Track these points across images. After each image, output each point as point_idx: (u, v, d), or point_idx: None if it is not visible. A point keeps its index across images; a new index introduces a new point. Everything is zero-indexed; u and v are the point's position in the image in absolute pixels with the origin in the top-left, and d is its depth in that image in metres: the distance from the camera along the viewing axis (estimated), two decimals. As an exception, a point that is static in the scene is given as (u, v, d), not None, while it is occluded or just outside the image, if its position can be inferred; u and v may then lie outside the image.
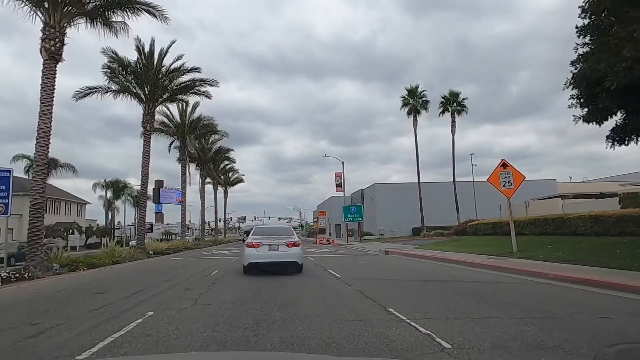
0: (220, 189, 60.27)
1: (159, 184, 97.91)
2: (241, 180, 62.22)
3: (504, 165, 16.96)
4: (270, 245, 12.09)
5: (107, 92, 21.78)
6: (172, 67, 22.24)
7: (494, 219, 25.37)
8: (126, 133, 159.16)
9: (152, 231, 78.73)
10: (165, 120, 30.68)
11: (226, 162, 46.67)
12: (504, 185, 16.89)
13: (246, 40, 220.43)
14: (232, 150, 43.18)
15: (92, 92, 21.30)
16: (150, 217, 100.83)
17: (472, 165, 46.43)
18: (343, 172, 44.06)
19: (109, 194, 66.24)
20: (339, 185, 44.20)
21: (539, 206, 38.20)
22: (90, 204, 63.88)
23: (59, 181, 64.40)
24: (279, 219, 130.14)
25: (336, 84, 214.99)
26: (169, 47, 22.48)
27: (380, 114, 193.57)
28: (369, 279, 10.74)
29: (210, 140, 41.90)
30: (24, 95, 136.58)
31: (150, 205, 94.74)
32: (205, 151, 40.85)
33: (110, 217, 67.61)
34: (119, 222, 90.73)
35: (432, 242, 30.91)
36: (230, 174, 58.29)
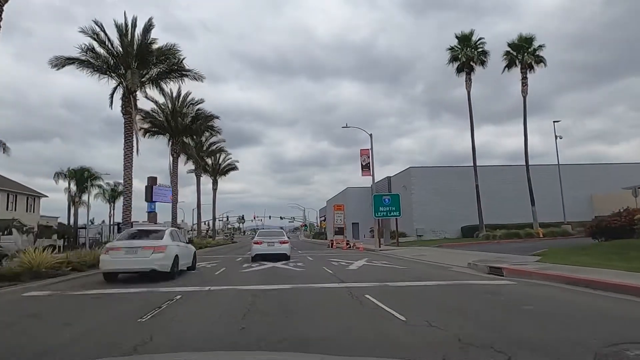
0: (209, 180, 47.77)
1: (152, 181, 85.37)
2: (234, 168, 49.61)
3: None
4: (269, 243, 17.97)
5: None
6: None
7: None
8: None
9: (132, 231, 65.96)
10: (95, 44, 18.25)
11: (208, 133, 33.96)
12: None
13: (247, 41, 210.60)
14: (217, 117, 30.74)
15: None
16: (142, 216, 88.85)
17: (557, 137, 33.31)
18: (372, 149, 31.53)
19: (73, 186, 53.81)
20: (365, 167, 31.66)
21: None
22: (46, 196, 51.48)
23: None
24: (281, 218, 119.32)
25: (337, 85, 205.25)
26: None
27: (381, 115, 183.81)
28: None
29: (187, 100, 29.36)
30: (24, 96, 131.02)
31: (143, 204, 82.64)
32: (175, 114, 28.36)
33: (74, 213, 55.15)
34: (103, 220, 78.43)
35: (543, 249, 18.35)
36: (219, 156, 45.68)
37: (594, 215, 36.81)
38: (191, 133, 30.85)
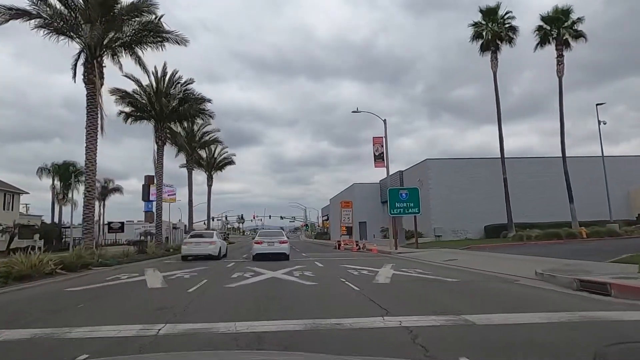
0: (203, 175, 43.78)
1: (149, 179, 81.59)
2: (231, 162, 45.46)
3: None
4: (269, 242, 18.62)
5: None
6: None
7: None
8: (126, 134, 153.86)
9: (122, 231, 62.61)
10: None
11: (201, 121, 29.74)
12: None
13: (247, 41, 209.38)
14: (209, 101, 26.70)
15: None
16: (139, 215, 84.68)
17: (600, 122, 28.67)
18: (386, 137, 27.51)
19: (57, 182, 49.75)
20: (379, 158, 27.64)
21: None
22: (27, 193, 47.47)
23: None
24: (281, 218, 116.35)
25: (337, 85, 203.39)
26: None
27: (381, 114, 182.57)
28: None
29: (173, 79, 25.32)
30: (24, 96, 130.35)
31: (141, 203, 78.60)
32: (159, 94, 24.31)
33: (59, 211, 51.18)
34: (99, 220, 74.21)
35: (623, 254, 14.31)
36: (214, 149, 41.58)
37: (638, 214, 32.94)
38: (179, 118, 26.76)
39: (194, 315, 6.17)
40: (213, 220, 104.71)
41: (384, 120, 27.75)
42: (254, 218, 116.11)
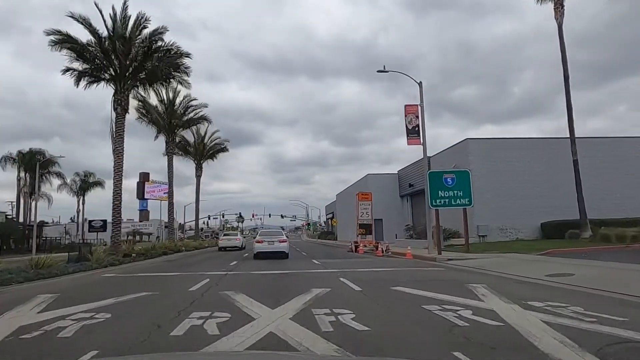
0: (191, 163, 36.86)
1: (144, 177, 74.76)
2: (224, 149, 38.42)
3: None
4: (269, 242, 19.92)
5: None
6: None
7: None
8: (127, 134, 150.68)
9: (105, 230, 55.63)
10: None
11: (180, 85, 22.75)
12: None
13: (247, 41, 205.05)
14: (188, 55, 19.84)
15: None
16: (134, 214, 78.19)
17: None
18: (422, 103, 20.70)
19: (22, 174, 42.75)
20: (412, 132, 20.78)
21: None
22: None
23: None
24: (282, 217, 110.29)
25: (337, 85, 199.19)
26: None
27: (382, 114, 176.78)
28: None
29: (139, 22, 18.47)
30: (24, 96, 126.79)
31: (135, 202, 71.86)
32: (114, 38, 17.18)
33: (23, 207, 44.21)
34: (77, 217, 67.42)
35: None
36: (202, 132, 34.41)
37: None
38: (149, 78, 19.78)
39: None
40: (209, 218, 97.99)
41: (420, 83, 20.99)
42: (253, 217, 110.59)
